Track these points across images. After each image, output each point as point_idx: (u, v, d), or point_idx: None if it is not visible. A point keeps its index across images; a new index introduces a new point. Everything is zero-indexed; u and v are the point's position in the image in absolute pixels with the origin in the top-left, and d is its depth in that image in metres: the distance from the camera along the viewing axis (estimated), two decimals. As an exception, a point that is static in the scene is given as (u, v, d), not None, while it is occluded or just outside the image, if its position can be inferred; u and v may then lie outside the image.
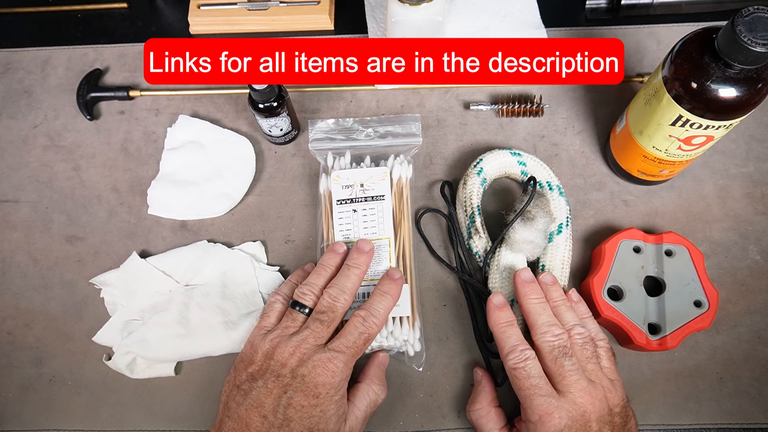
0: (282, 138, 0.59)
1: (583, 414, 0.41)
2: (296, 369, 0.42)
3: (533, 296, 0.46)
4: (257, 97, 0.53)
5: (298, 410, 0.41)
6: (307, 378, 0.42)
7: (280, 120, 0.56)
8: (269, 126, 0.56)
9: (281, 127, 0.57)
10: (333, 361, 0.43)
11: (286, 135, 0.59)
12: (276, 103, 0.54)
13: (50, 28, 0.68)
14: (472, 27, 0.65)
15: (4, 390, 0.53)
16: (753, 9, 0.39)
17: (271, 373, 0.43)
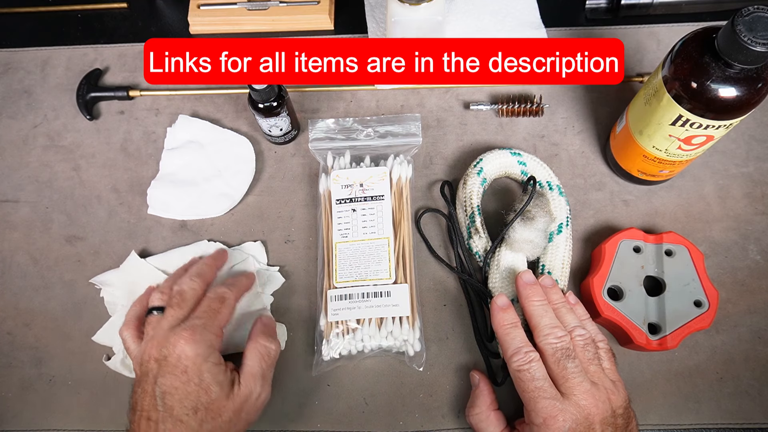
0: (282, 138, 0.59)
1: (586, 416, 0.41)
2: (158, 355, 0.42)
3: (535, 298, 0.46)
4: (257, 96, 0.53)
5: (174, 394, 0.41)
6: (169, 357, 0.42)
7: (280, 120, 0.56)
8: (269, 126, 0.56)
9: (281, 127, 0.57)
10: (188, 331, 0.42)
11: (286, 135, 0.58)
12: (276, 103, 0.54)
13: (50, 28, 0.68)
14: (472, 27, 0.65)
15: (4, 390, 0.53)
16: (753, 9, 0.39)
17: (143, 374, 0.43)
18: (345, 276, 0.51)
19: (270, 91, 0.53)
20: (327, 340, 0.50)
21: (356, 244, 0.52)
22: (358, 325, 0.50)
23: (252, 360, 0.45)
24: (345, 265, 0.52)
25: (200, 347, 0.42)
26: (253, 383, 0.44)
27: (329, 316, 0.50)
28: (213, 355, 0.43)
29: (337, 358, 0.50)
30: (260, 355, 0.46)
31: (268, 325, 0.49)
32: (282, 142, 0.60)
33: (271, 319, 0.50)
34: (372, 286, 0.51)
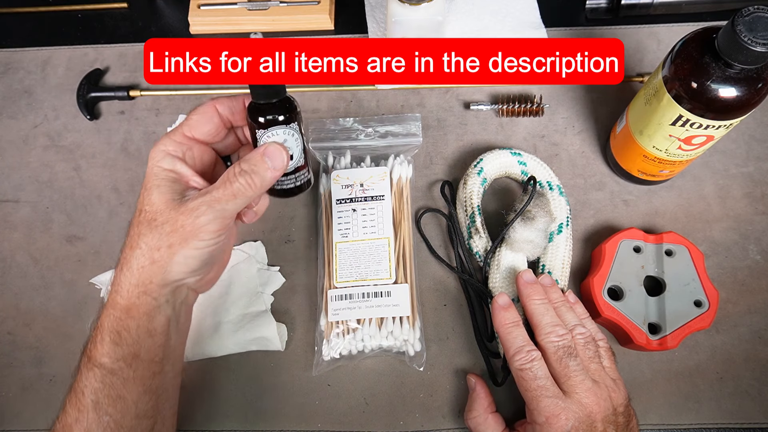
0: (292, 176, 0.42)
1: (589, 415, 0.41)
2: None
3: (536, 297, 0.46)
4: (258, 94, 0.41)
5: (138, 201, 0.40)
6: None
7: (290, 138, 0.41)
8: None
9: (291, 152, 0.42)
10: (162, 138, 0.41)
11: (298, 174, 0.42)
12: (281, 106, 0.41)
13: (50, 28, 0.68)
14: (472, 27, 0.65)
15: (4, 390, 0.53)
16: (753, 9, 0.39)
17: None
18: (345, 276, 0.51)
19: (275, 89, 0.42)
20: (327, 340, 0.50)
21: (356, 244, 0.52)
22: (359, 325, 0.50)
23: (219, 186, 0.39)
24: (345, 265, 0.52)
25: (154, 152, 0.41)
26: (199, 208, 0.38)
27: (329, 316, 0.50)
28: (165, 160, 0.40)
29: (337, 358, 0.50)
30: (231, 187, 0.39)
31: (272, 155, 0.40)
32: (291, 186, 0.43)
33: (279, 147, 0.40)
34: (372, 286, 0.51)
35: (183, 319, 0.43)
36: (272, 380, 0.52)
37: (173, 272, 0.39)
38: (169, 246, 0.38)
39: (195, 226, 0.38)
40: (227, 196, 0.38)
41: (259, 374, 0.52)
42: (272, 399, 0.51)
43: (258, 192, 0.39)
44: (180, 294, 0.42)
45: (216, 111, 0.42)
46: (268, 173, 0.39)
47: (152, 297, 0.39)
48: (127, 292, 0.39)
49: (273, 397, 0.51)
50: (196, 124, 0.42)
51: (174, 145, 0.41)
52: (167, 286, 0.40)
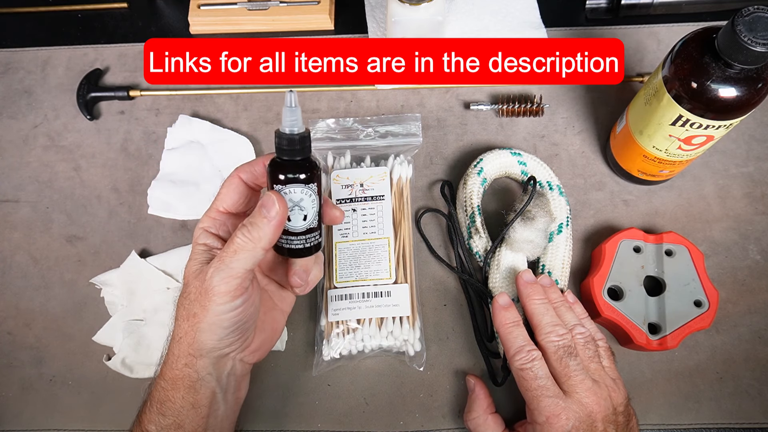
0: (302, 238, 0.41)
1: (589, 414, 0.41)
2: None
3: (536, 297, 0.46)
4: (282, 150, 0.38)
5: None
6: None
7: (307, 198, 0.39)
8: (289, 206, 0.39)
9: (305, 213, 0.40)
10: None
11: (310, 235, 0.41)
12: (302, 163, 0.39)
13: (50, 28, 0.68)
14: (472, 27, 0.65)
15: (4, 390, 0.53)
16: (753, 9, 0.39)
17: None
18: (345, 276, 0.51)
19: (303, 142, 0.39)
20: (327, 340, 0.50)
21: (356, 244, 0.52)
22: (359, 325, 0.50)
23: (227, 244, 0.39)
24: (345, 265, 0.52)
25: (196, 231, 0.42)
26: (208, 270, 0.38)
27: (329, 316, 0.50)
28: (201, 237, 0.41)
29: (337, 358, 0.50)
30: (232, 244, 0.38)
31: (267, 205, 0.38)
32: (300, 246, 0.41)
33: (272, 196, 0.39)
34: (372, 286, 0.51)
35: (232, 389, 0.42)
36: (272, 380, 0.52)
37: (203, 342, 0.39)
38: (194, 315, 0.39)
39: (208, 289, 0.38)
40: (229, 254, 0.38)
41: (259, 374, 0.52)
42: (272, 399, 0.51)
43: (258, 245, 0.38)
44: (224, 366, 0.41)
45: (240, 180, 0.42)
46: (264, 223, 0.38)
47: (193, 369, 0.39)
48: (172, 363, 0.40)
49: (273, 397, 0.51)
50: (223, 197, 0.42)
51: (209, 222, 0.42)
52: (204, 357, 0.39)
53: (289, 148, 0.38)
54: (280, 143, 0.38)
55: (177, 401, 0.39)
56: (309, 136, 0.39)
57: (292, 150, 0.38)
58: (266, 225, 0.38)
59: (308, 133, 0.39)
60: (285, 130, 0.38)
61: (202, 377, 0.40)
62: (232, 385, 0.42)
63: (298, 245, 0.41)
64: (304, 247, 0.41)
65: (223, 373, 0.41)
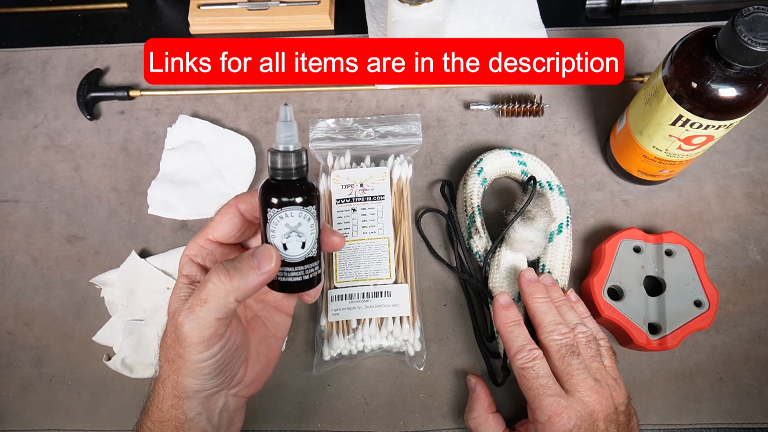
0: (300, 270, 0.37)
1: (591, 413, 0.41)
2: None
3: (539, 295, 0.46)
4: (276, 170, 0.36)
5: None
6: None
7: (305, 223, 0.36)
8: (286, 232, 0.36)
9: (304, 239, 0.36)
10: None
11: (309, 265, 0.37)
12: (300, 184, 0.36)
13: (50, 28, 0.68)
14: (472, 27, 0.65)
15: (4, 390, 0.53)
16: (753, 9, 0.39)
17: None
18: (345, 276, 0.51)
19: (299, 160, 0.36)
20: (327, 340, 0.50)
21: (356, 244, 0.52)
22: (359, 325, 0.50)
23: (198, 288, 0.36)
24: (345, 265, 0.52)
25: (181, 258, 0.39)
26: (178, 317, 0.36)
27: (329, 316, 0.50)
28: (186, 267, 0.39)
29: (337, 358, 0.50)
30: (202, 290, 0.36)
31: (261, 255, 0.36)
32: (298, 279, 0.37)
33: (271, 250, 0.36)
34: (372, 285, 0.51)
35: (225, 426, 0.40)
36: (272, 380, 0.51)
37: (186, 386, 0.37)
38: (173, 360, 0.37)
39: (181, 339, 0.36)
40: (199, 302, 0.35)
41: (259, 374, 0.52)
42: (272, 399, 0.51)
43: (232, 296, 0.35)
44: (215, 404, 0.39)
45: (237, 210, 0.39)
46: (251, 275, 0.35)
47: (180, 411, 0.38)
48: (158, 404, 0.38)
49: (273, 397, 0.51)
50: (216, 225, 0.39)
51: (196, 250, 0.39)
52: (192, 398, 0.38)
53: (285, 168, 0.35)
54: (275, 162, 0.35)
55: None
56: (306, 154, 0.36)
57: (287, 170, 0.35)
58: (254, 277, 0.35)
59: (305, 151, 0.36)
60: (279, 147, 0.35)
61: (191, 418, 0.38)
62: (225, 421, 0.40)
63: (296, 277, 0.37)
64: (303, 280, 0.37)
65: (215, 412, 0.39)
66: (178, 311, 0.36)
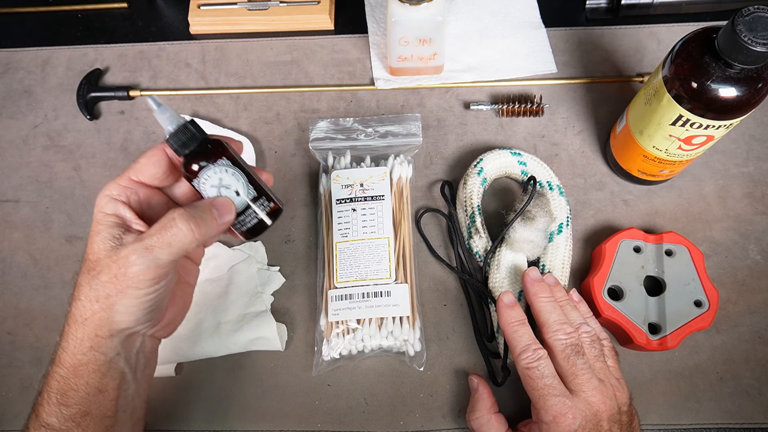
0: (252, 210, 0.40)
1: (595, 413, 0.41)
2: None
3: (543, 295, 0.46)
4: (175, 148, 0.38)
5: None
6: None
7: (225, 175, 0.39)
8: (215, 191, 0.39)
9: (235, 188, 0.39)
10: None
11: (256, 203, 0.40)
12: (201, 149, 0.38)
13: (50, 28, 0.68)
14: (472, 27, 0.65)
15: (4, 390, 0.53)
16: (753, 9, 0.39)
17: None
18: (345, 276, 0.51)
19: (186, 131, 0.38)
20: (327, 340, 0.50)
21: (356, 244, 0.52)
22: (359, 325, 0.50)
23: (153, 232, 0.37)
24: (345, 265, 0.52)
25: (99, 197, 0.39)
26: (129, 257, 0.36)
27: (329, 316, 0.50)
28: (108, 206, 0.39)
29: (337, 358, 0.50)
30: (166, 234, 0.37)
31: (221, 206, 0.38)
32: (255, 222, 0.40)
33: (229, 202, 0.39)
34: (372, 285, 0.51)
35: (142, 366, 0.41)
36: (272, 380, 0.52)
37: (117, 322, 0.38)
38: (107, 297, 0.37)
39: (128, 275, 0.36)
40: (161, 244, 0.36)
41: (259, 374, 0.52)
42: (272, 399, 0.51)
43: (198, 243, 0.37)
44: (133, 343, 0.40)
45: (165, 154, 0.40)
46: (213, 226, 0.37)
47: (100, 352, 0.38)
48: (74, 348, 0.38)
49: (273, 397, 0.51)
50: (141, 167, 0.40)
51: (118, 189, 0.39)
52: (114, 337, 0.38)
53: (180, 143, 0.38)
54: (171, 144, 0.38)
55: (81, 389, 0.38)
56: (188, 123, 0.38)
57: (183, 143, 0.38)
58: (215, 227, 0.37)
59: (186, 121, 0.38)
60: (166, 131, 0.38)
61: (111, 358, 0.38)
62: (142, 362, 0.41)
63: (253, 220, 0.40)
64: (259, 220, 0.40)
65: (132, 352, 0.40)
66: (115, 250, 0.37)
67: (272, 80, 0.64)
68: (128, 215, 0.39)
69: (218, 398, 0.51)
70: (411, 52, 0.58)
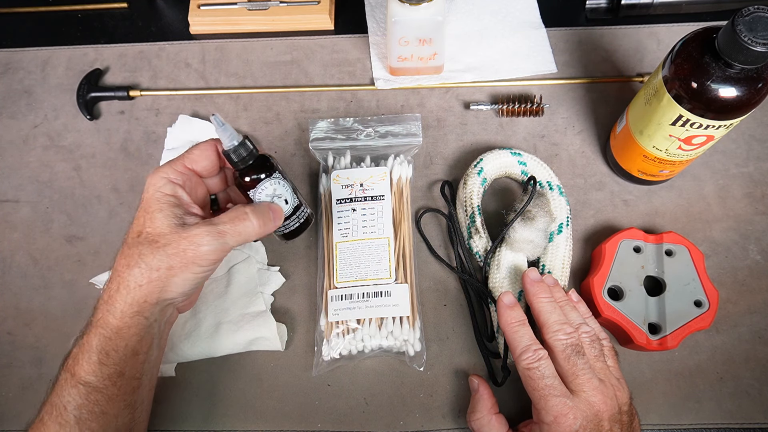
0: (294, 217, 0.47)
1: (596, 413, 0.41)
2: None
3: (543, 295, 0.46)
4: (235, 163, 0.43)
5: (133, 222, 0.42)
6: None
7: (278, 186, 0.44)
8: (269, 200, 0.45)
9: (284, 197, 0.45)
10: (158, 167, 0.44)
11: (299, 210, 0.47)
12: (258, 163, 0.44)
13: (50, 28, 0.68)
14: (472, 27, 0.65)
15: (4, 390, 0.53)
16: (753, 9, 0.39)
17: None
18: (345, 276, 0.51)
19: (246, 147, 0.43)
20: (327, 340, 0.50)
21: (356, 244, 0.52)
22: (359, 325, 0.50)
23: (227, 221, 0.41)
24: (345, 265, 0.52)
25: (155, 179, 0.42)
26: (202, 237, 0.40)
27: (329, 316, 0.50)
28: (167, 187, 0.42)
29: (337, 358, 0.50)
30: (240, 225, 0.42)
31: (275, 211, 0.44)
32: (296, 225, 0.47)
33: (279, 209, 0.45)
34: (372, 285, 0.51)
35: (164, 335, 0.45)
36: (272, 380, 0.52)
37: (169, 292, 0.41)
38: (170, 267, 0.40)
39: (197, 252, 0.40)
40: (233, 233, 0.41)
41: (259, 374, 0.52)
42: (272, 399, 0.51)
43: (258, 237, 0.43)
44: (166, 313, 0.43)
45: (215, 149, 0.45)
46: (270, 225, 0.43)
47: (144, 317, 0.41)
48: (120, 312, 0.40)
49: (273, 397, 0.51)
50: (197, 158, 0.44)
51: (175, 174, 0.43)
52: (158, 305, 0.41)
53: (239, 159, 0.42)
54: (230, 158, 0.42)
55: (120, 350, 0.40)
56: (247, 140, 0.43)
57: (241, 159, 0.43)
58: (271, 227, 0.44)
59: (245, 138, 0.43)
60: (227, 146, 0.42)
61: (150, 324, 0.41)
62: (166, 331, 0.45)
63: (295, 224, 0.47)
64: (300, 224, 0.47)
65: (163, 320, 0.43)
66: (182, 228, 0.41)
67: (272, 80, 0.64)
68: (186, 198, 0.43)
69: (218, 398, 0.51)
70: (411, 52, 0.58)
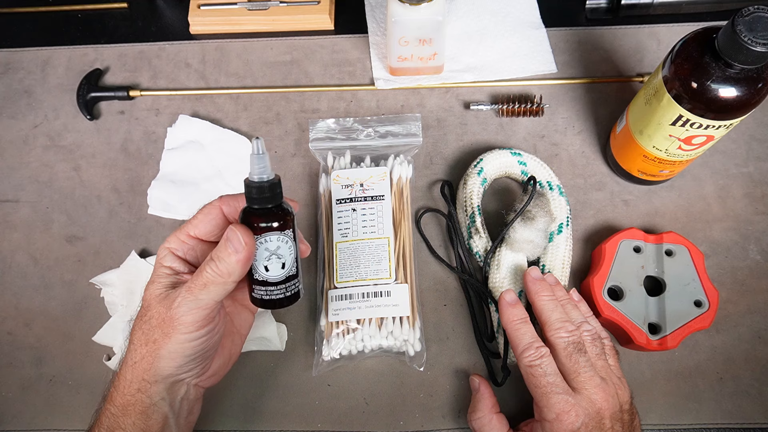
0: (281, 288, 0.39)
1: (598, 411, 0.41)
2: None
3: (545, 293, 0.46)
4: (252, 198, 0.38)
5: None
6: None
7: (283, 245, 0.38)
8: (267, 255, 0.38)
9: (283, 260, 0.39)
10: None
11: (289, 283, 0.40)
12: (276, 210, 0.38)
13: (50, 28, 0.68)
14: (472, 27, 0.65)
15: (4, 390, 0.53)
16: (753, 9, 0.39)
17: None
18: (345, 276, 0.51)
19: (273, 189, 0.38)
20: (327, 340, 0.50)
21: (356, 244, 0.52)
22: (359, 325, 0.50)
23: (193, 277, 0.39)
24: (345, 265, 0.52)
25: (160, 249, 0.41)
26: (176, 299, 0.38)
27: (330, 316, 0.50)
28: (167, 258, 0.41)
29: (337, 358, 0.50)
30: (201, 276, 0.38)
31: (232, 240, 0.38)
32: (281, 296, 0.40)
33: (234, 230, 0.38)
34: (372, 285, 0.51)
35: (185, 413, 0.43)
36: (272, 380, 0.52)
37: (161, 368, 0.39)
38: (154, 341, 0.39)
39: (174, 318, 0.38)
40: (198, 286, 0.38)
41: (259, 374, 0.52)
42: (272, 399, 0.51)
43: (227, 279, 0.38)
44: (178, 391, 0.41)
45: (220, 211, 0.42)
46: (232, 257, 0.37)
47: (146, 395, 0.39)
48: (123, 389, 0.40)
49: (273, 397, 0.51)
50: (198, 223, 0.41)
51: (177, 243, 0.42)
52: (160, 383, 0.40)
53: (260, 197, 0.37)
54: (250, 192, 0.38)
55: (128, 428, 0.39)
56: (279, 182, 0.38)
57: (262, 198, 0.37)
58: (233, 259, 0.37)
59: (278, 179, 0.38)
60: (254, 178, 0.37)
61: (155, 402, 0.39)
62: (185, 409, 0.42)
63: (279, 295, 0.39)
64: (285, 297, 0.39)
65: (177, 398, 0.41)
66: (165, 296, 0.39)
67: (272, 80, 0.64)
68: (181, 267, 0.41)
69: (218, 398, 0.51)
70: (411, 52, 0.58)
